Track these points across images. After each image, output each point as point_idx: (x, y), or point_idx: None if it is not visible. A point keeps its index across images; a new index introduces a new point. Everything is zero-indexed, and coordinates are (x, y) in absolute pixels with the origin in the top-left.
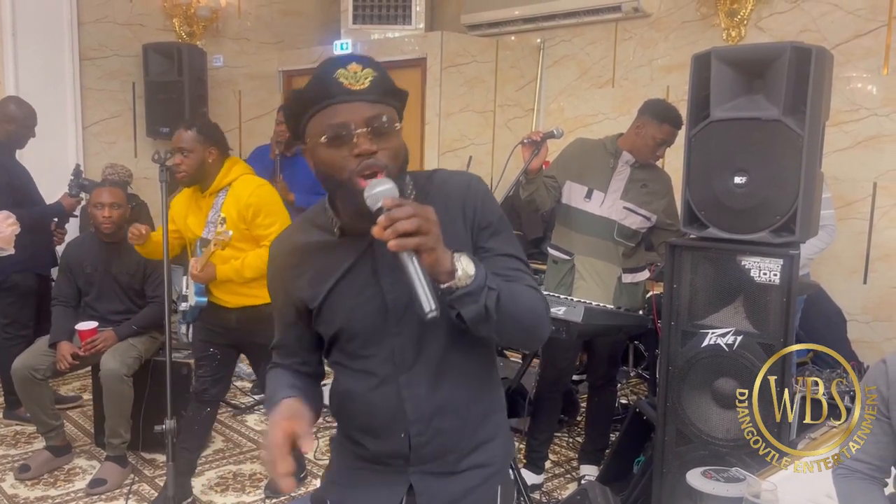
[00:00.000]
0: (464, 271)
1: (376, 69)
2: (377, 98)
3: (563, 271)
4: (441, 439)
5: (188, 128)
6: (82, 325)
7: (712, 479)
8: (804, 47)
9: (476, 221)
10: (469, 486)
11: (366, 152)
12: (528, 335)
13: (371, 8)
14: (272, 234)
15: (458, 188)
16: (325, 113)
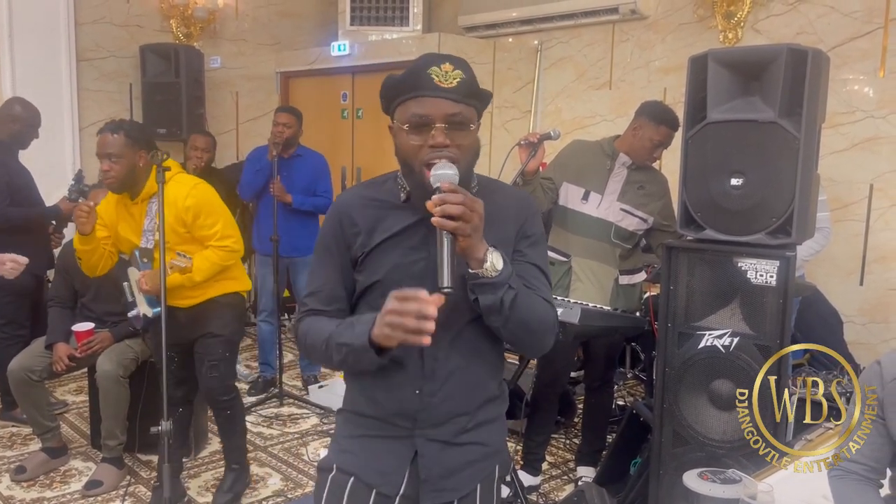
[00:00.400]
0: (492, 264)
1: (466, 72)
2: (460, 98)
3: (560, 273)
4: (449, 405)
5: (115, 131)
6: (79, 327)
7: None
8: (800, 49)
9: (523, 229)
10: (468, 459)
11: (439, 145)
12: (531, 339)
13: (368, 9)
14: (217, 234)
15: (517, 197)
16: (412, 102)
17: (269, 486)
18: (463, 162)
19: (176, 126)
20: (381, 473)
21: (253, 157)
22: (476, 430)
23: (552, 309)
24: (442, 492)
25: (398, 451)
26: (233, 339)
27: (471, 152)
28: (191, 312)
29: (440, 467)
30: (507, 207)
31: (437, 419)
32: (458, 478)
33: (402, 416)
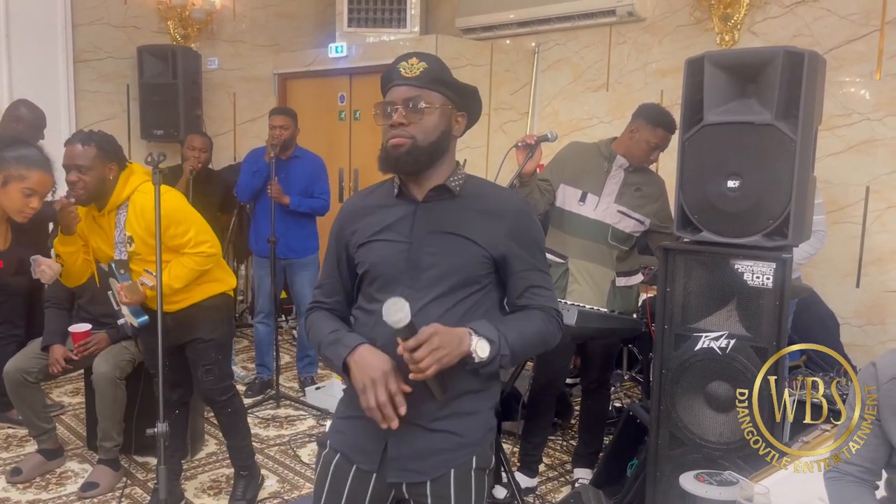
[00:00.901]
0: (478, 355)
1: (431, 64)
2: (422, 84)
3: (557, 274)
4: (421, 384)
5: (85, 143)
6: (75, 328)
7: (705, 483)
8: (797, 52)
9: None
10: (441, 447)
11: (395, 123)
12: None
13: (366, 11)
14: (191, 241)
15: (509, 199)
16: (386, 93)
17: (265, 488)
18: (419, 137)
19: (173, 127)
20: (361, 451)
21: (250, 158)
22: (451, 419)
23: (552, 319)
24: (409, 472)
25: (376, 430)
26: (223, 341)
27: (429, 131)
28: (177, 317)
29: (409, 448)
30: (503, 208)
31: (413, 399)
32: (428, 462)
33: None
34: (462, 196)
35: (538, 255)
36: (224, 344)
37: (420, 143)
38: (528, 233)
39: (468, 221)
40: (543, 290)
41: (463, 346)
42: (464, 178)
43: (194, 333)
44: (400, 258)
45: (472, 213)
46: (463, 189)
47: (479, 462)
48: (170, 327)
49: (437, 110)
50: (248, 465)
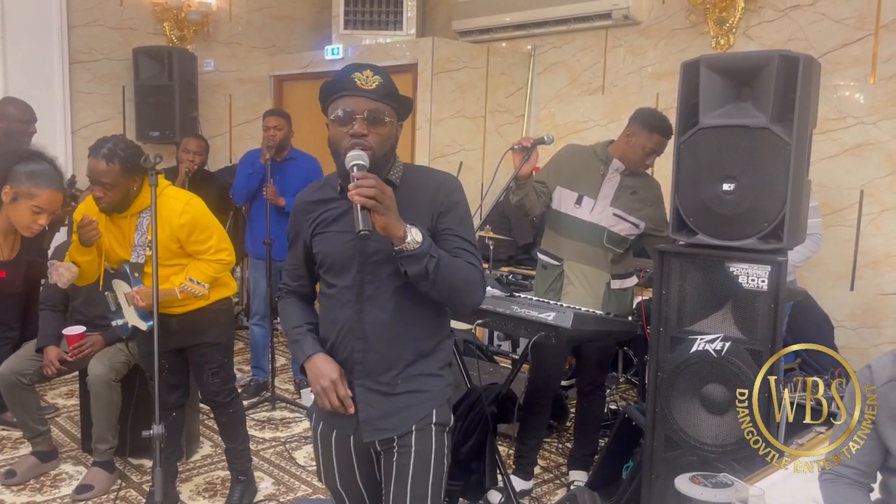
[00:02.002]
0: (412, 238)
1: (384, 78)
2: (378, 97)
3: (553, 276)
4: (380, 360)
5: (109, 160)
6: (70, 330)
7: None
8: (792, 56)
9: (440, 206)
10: (404, 405)
11: (357, 133)
12: (459, 298)
13: (362, 13)
14: (212, 248)
15: (436, 180)
16: (340, 101)
17: (261, 490)
18: (378, 148)
19: (169, 129)
20: (338, 418)
21: (246, 160)
22: (411, 380)
23: (477, 270)
24: (380, 430)
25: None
26: (229, 345)
27: (385, 143)
28: (182, 319)
29: (376, 411)
30: (424, 189)
31: (371, 371)
32: (394, 419)
33: (345, 368)
34: (402, 185)
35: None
36: (229, 347)
37: (377, 153)
38: (455, 206)
39: (405, 206)
40: (470, 255)
41: (401, 223)
42: (402, 170)
43: (202, 337)
44: (348, 246)
45: (409, 197)
46: (402, 179)
47: (439, 417)
48: (174, 330)
49: (390, 123)
50: (246, 469)
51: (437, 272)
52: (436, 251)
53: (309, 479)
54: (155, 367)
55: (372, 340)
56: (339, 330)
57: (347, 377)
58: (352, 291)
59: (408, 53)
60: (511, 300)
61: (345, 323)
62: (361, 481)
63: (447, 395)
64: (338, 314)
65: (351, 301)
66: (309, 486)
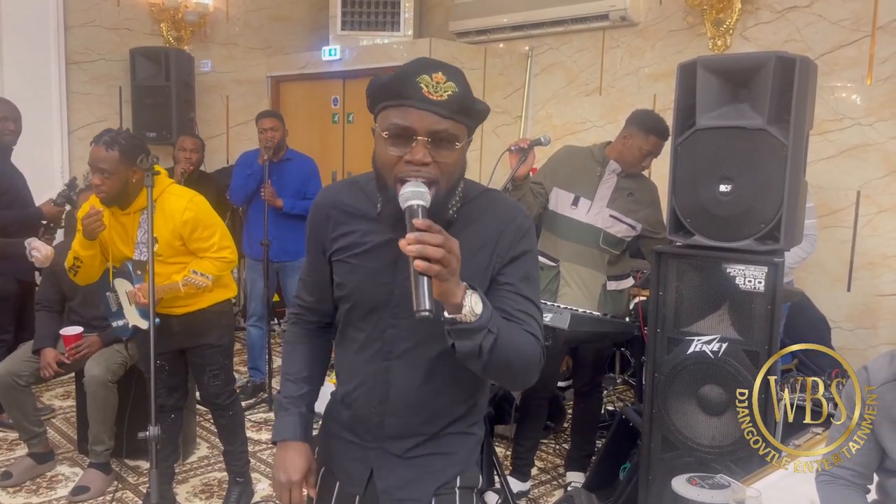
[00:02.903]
0: (470, 309)
1: (459, 85)
2: (449, 114)
3: (549, 277)
4: (404, 425)
5: (109, 146)
6: (67, 331)
7: (697, 486)
8: (789, 57)
9: (506, 253)
10: (427, 469)
11: (417, 161)
12: (512, 378)
13: (360, 14)
14: (215, 245)
15: (504, 214)
16: (395, 111)
17: (257, 492)
18: (443, 182)
19: (166, 130)
20: (346, 474)
21: (243, 161)
22: (435, 441)
23: (537, 343)
24: (400, 501)
25: (361, 457)
26: (229, 347)
27: (453, 173)
28: (184, 320)
29: (396, 479)
30: (487, 227)
31: (392, 435)
32: (417, 487)
33: (362, 427)
34: (457, 220)
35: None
36: (230, 349)
37: (441, 188)
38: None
39: (461, 241)
40: (533, 321)
41: (460, 286)
42: (461, 198)
43: (204, 339)
44: (382, 291)
45: (467, 240)
46: (460, 212)
47: (465, 481)
48: (175, 331)
49: (461, 149)
50: (244, 471)
51: (492, 352)
52: (495, 325)
53: None
54: (152, 367)
55: (397, 406)
56: (359, 385)
57: (364, 437)
58: (378, 345)
59: (405, 55)
60: None
61: (366, 379)
62: None
63: (476, 453)
64: (359, 365)
65: (377, 355)
66: None
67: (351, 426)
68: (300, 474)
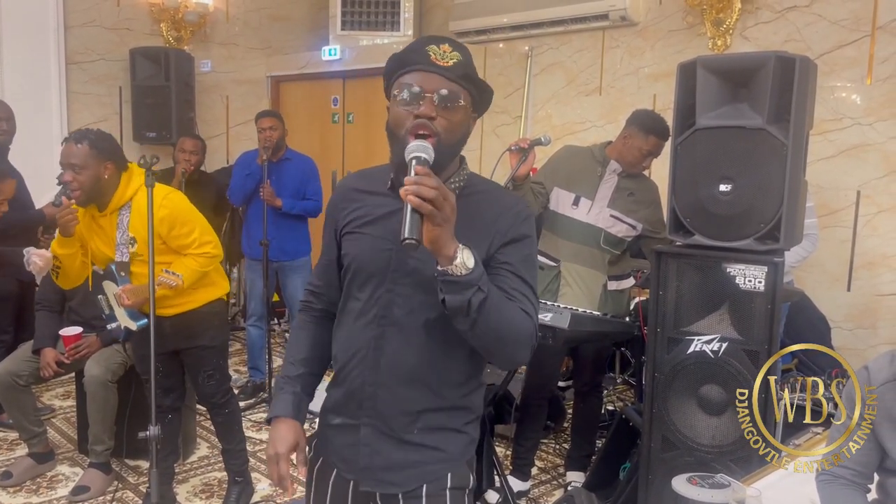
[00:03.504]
0: (462, 262)
1: (463, 55)
2: (454, 77)
3: (549, 277)
4: (393, 400)
5: (78, 141)
6: (66, 331)
7: (697, 486)
8: (788, 57)
9: (505, 234)
10: (415, 459)
11: (424, 115)
12: (500, 349)
13: (359, 14)
14: (195, 241)
15: (506, 201)
16: (408, 75)
17: (257, 491)
18: (446, 137)
19: (165, 130)
20: (341, 459)
21: (242, 161)
22: (427, 433)
23: (530, 322)
24: (382, 483)
25: (354, 440)
26: (223, 347)
27: (457, 131)
28: (176, 321)
29: (382, 459)
30: (486, 211)
31: (382, 411)
32: (402, 473)
33: (353, 401)
34: (459, 197)
35: (525, 261)
36: (224, 348)
37: (444, 143)
38: (513, 231)
39: (462, 222)
40: (527, 301)
41: (453, 241)
42: (466, 179)
43: (196, 341)
44: (382, 257)
45: (469, 213)
46: (462, 191)
47: (455, 481)
48: (167, 332)
49: (464, 109)
50: (243, 470)
51: (480, 310)
52: (487, 285)
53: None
54: (151, 367)
55: (387, 375)
56: (353, 355)
57: (356, 412)
58: (374, 311)
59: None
60: None
61: (360, 348)
62: None
63: (469, 454)
64: (353, 334)
65: (372, 322)
66: None
67: (345, 406)
68: (286, 447)
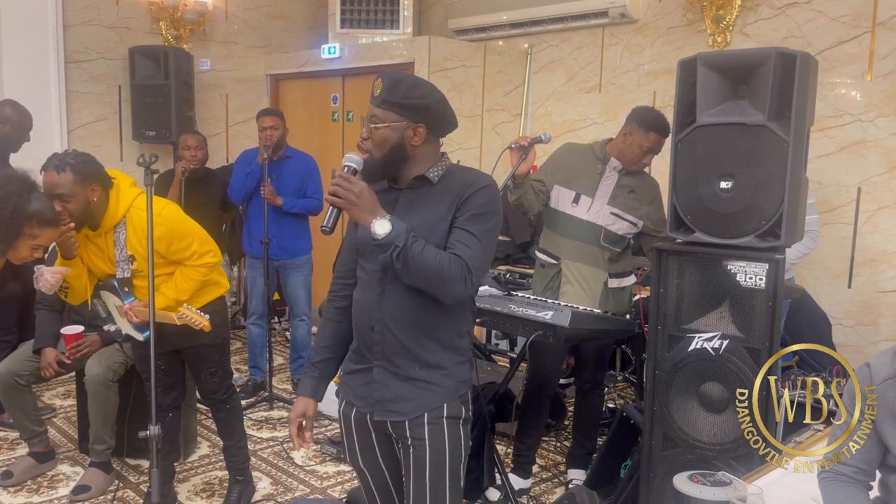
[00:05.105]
0: (374, 230)
1: (387, 84)
2: (377, 104)
3: (550, 275)
4: (397, 342)
5: (60, 169)
6: (68, 330)
7: (699, 483)
8: (789, 53)
9: (458, 201)
10: (417, 393)
11: (361, 135)
12: (430, 286)
13: (359, 12)
14: (195, 254)
15: (467, 178)
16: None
17: (259, 490)
18: (376, 150)
19: (165, 128)
20: (358, 397)
21: (242, 160)
22: (427, 370)
23: (459, 262)
24: (391, 412)
25: (368, 379)
26: (225, 343)
27: (385, 144)
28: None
29: (390, 392)
30: (451, 187)
31: (388, 353)
32: (406, 404)
33: (366, 348)
34: (439, 183)
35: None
36: (225, 345)
37: (374, 156)
38: (471, 200)
39: (438, 203)
40: (465, 247)
41: (371, 215)
42: (444, 169)
43: (198, 339)
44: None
45: (440, 194)
46: (442, 178)
47: (450, 411)
48: (169, 333)
49: (388, 127)
50: (244, 469)
51: (401, 260)
52: (402, 241)
53: (307, 479)
54: (151, 368)
55: (389, 323)
56: (363, 311)
57: (368, 357)
58: (377, 276)
59: (404, 52)
60: (509, 299)
61: (367, 305)
62: (383, 461)
63: (462, 390)
64: (363, 295)
65: (375, 285)
66: (307, 485)
67: (360, 353)
68: (295, 414)
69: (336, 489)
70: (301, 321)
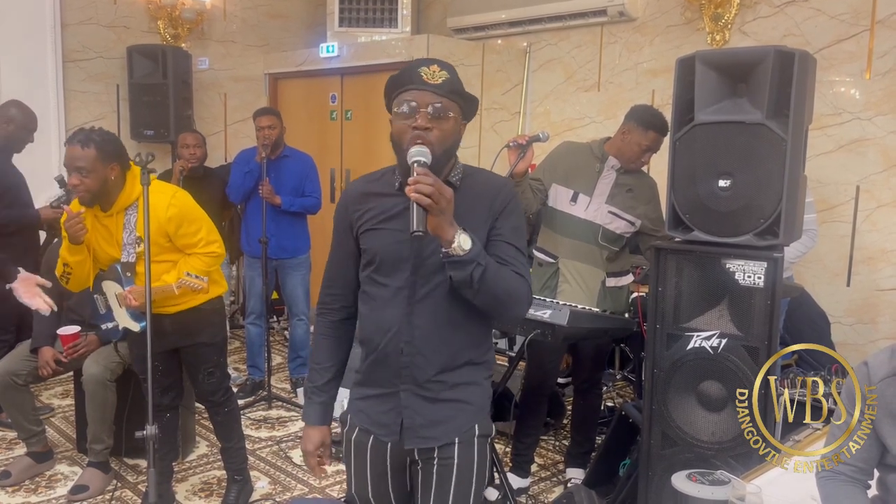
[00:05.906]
0: (459, 245)
1: (451, 74)
2: (443, 93)
3: (548, 274)
4: (427, 365)
5: (85, 144)
6: (64, 330)
7: (697, 482)
8: (787, 51)
9: (497, 212)
10: (450, 414)
11: (420, 126)
12: (502, 309)
13: (357, 11)
14: (202, 240)
15: (495, 185)
16: (405, 94)
17: (257, 490)
18: (439, 145)
19: (163, 128)
20: (380, 425)
21: (240, 159)
22: (454, 389)
23: (524, 282)
24: (424, 438)
25: (392, 406)
26: (223, 344)
27: (449, 138)
28: (176, 319)
29: (422, 418)
30: (482, 193)
31: (417, 376)
32: (439, 428)
33: (391, 373)
34: (461, 188)
35: (514, 227)
36: (223, 346)
37: (437, 150)
38: (509, 211)
39: (464, 209)
40: (521, 265)
41: (453, 226)
42: (462, 172)
43: (196, 338)
44: (404, 247)
45: (468, 201)
46: (462, 182)
47: (482, 430)
48: (168, 330)
49: (453, 119)
50: (242, 469)
51: (481, 281)
52: (484, 259)
53: (305, 479)
54: (149, 367)
55: (420, 345)
56: (386, 332)
57: (394, 381)
58: (403, 293)
59: (403, 51)
60: None
61: (392, 325)
62: (393, 491)
63: (488, 405)
64: (384, 315)
65: (401, 303)
66: (305, 485)
67: (377, 375)
68: (313, 446)
69: (335, 488)
70: (299, 320)
